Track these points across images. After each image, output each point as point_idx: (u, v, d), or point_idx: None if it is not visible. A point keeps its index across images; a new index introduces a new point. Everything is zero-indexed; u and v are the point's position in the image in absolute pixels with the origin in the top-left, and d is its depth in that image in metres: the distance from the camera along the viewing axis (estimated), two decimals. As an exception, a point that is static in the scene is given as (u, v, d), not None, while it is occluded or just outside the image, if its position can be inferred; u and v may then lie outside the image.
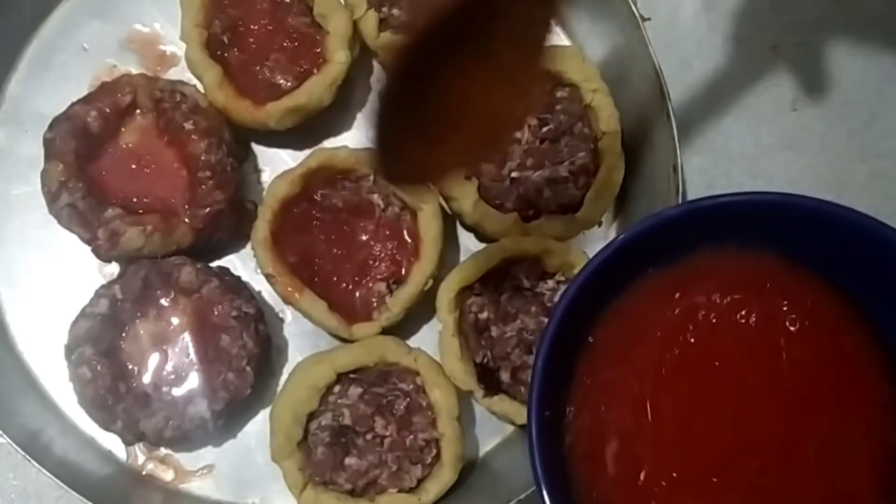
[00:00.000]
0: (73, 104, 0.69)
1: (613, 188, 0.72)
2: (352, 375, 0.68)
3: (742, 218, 0.53)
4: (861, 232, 0.51)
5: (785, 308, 0.52)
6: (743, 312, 0.53)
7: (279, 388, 0.72)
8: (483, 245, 0.73)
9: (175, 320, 0.69)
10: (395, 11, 0.72)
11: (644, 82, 0.71)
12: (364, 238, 0.72)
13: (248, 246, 0.73)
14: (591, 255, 0.71)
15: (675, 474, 0.51)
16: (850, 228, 0.51)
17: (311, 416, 0.67)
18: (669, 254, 0.54)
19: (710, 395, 0.52)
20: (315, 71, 0.72)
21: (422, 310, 0.72)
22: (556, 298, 0.71)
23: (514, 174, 0.71)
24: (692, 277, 0.54)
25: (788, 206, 0.52)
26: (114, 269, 0.73)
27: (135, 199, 0.70)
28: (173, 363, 0.68)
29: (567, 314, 0.52)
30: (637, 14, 0.71)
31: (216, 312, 0.68)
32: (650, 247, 0.53)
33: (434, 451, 0.68)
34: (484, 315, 0.70)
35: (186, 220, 0.69)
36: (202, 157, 0.69)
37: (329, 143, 0.77)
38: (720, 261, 0.54)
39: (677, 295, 0.53)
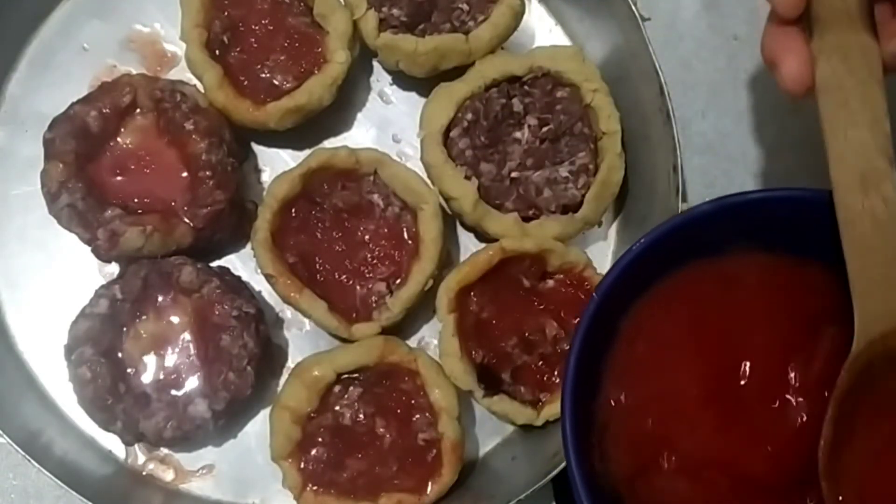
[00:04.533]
0: (73, 104, 0.69)
1: (613, 188, 0.72)
2: (352, 375, 0.68)
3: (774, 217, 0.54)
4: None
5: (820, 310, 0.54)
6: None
7: (279, 388, 0.72)
8: (483, 245, 0.73)
9: (175, 320, 0.68)
10: (394, 11, 0.72)
11: (644, 82, 0.71)
12: (364, 238, 0.72)
13: (248, 246, 0.72)
14: (590, 256, 0.72)
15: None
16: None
17: (311, 416, 0.67)
18: (705, 249, 0.55)
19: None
20: (315, 71, 0.71)
21: (422, 310, 0.72)
22: (557, 298, 0.71)
23: (514, 174, 0.72)
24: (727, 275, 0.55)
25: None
26: (114, 269, 0.73)
27: (135, 199, 0.70)
28: (173, 363, 0.68)
29: (605, 299, 0.54)
30: (637, 14, 0.71)
31: (216, 312, 0.68)
32: (686, 241, 0.55)
33: (434, 451, 0.68)
34: (484, 315, 0.70)
35: (186, 220, 0.69)
36: (202, 157, 0.69)
37: (329, 143, 0.77)
38: (754, 262, 0.55)
39: (712, 290, 0.55)
